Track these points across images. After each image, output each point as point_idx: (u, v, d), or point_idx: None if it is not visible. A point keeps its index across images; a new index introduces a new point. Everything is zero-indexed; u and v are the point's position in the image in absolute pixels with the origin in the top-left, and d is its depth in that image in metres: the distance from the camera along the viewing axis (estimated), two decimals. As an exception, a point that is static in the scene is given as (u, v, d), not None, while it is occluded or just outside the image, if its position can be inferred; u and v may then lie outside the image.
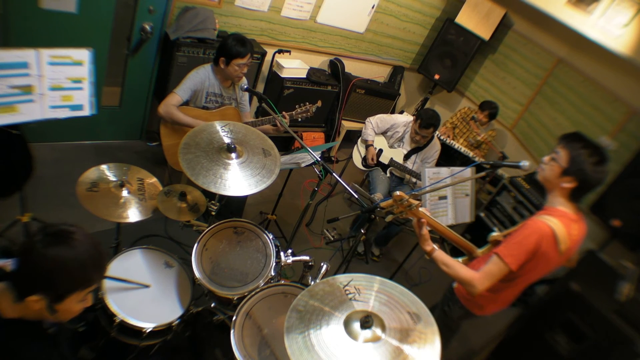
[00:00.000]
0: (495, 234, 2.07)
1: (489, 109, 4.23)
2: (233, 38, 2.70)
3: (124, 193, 2.07)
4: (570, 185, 1.78)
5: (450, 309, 2.21)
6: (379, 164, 3.68)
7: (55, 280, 1.16)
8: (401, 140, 3.65)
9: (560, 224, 1.78)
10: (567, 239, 1.79)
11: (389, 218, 1.92)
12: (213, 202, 2.26)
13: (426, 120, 3.37)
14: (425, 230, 1.93)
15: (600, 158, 1.74)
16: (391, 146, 3.68)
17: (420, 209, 1.87)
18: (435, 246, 1.95)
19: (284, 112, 2.84)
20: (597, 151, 1.76)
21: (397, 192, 1.80)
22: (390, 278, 1.78)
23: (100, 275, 1.27)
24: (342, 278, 1.49)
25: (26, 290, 1.15)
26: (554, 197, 1.86)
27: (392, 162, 3.63)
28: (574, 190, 1.80)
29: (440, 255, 1.93)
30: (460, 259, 2.08)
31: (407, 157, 3.63)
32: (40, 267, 1.14)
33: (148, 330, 1.83)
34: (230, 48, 2.67)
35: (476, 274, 1.83)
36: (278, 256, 2.06)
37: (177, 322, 1.91)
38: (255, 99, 4.11)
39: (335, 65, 4.52)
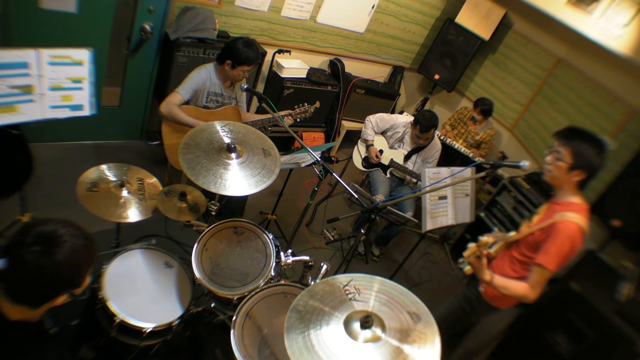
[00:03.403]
0: (513, 234, 2.11)
1: (482, 106, 4.23)
2: (243, 43, 2.68)
3: (124, 193, 2.07)
4: (580, 177, 1.92)
5: (473, 309, 2.30)
6: (379, 164, 3.68)
7: (73, 277, 1.17)
8: (401, 141, 3.65)
9: (582, 218, 1.91)
10: (587, 229, 1.94)
11: (468, 269, 1.95)
12: (213, 202, 2.26)
13: (425, 124, 3.36)
14: (485, 260, 1.96)
15: (600, 148, 1.90)
16: (391, 146, 3.68)
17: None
18: (491, 273, 1.98)
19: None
20: (596, 142, 1.90)
21: (484, 238, 1.85)
22: (390, 278, 1.78)
23: (94, 262, 1.25)
24: (342, 278, 1.49)
25: (24, 299, 1.15)
26: (563, 190, 1.99)
27: (392, 163, 3.63)
28: (583, 180, 1.94)
29: (500, 280, 1.97)
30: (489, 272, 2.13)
31: (407, 157, 3.63)
32: (54, 276, 1.13)
33: (148, 330, 1.83)
34: (240, 53, 2.66)
35: (528, 287, 1.94)
36: (278, 256, 2.06)
37: (177, 322, 1.91)
38: (255, 99, 4.11)
39: (335, 65, 4.52)
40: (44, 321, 1.27)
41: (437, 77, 4.88)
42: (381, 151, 3.68)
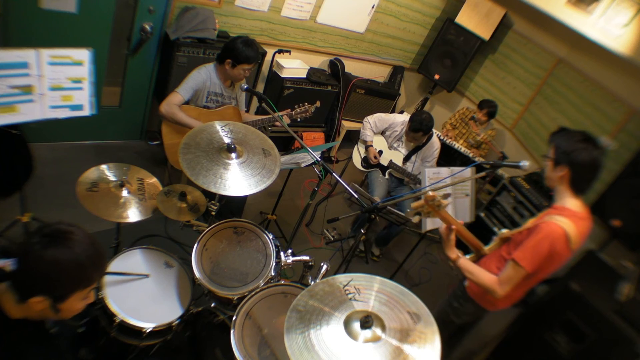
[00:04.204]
0: (504, 231, 2.11)
1: (488, 108, 4.23)
2: (242, 42, 2.68)
3: (124, 193, 2.07)
4: (563, 173, 1.85)
5: (461, 305, 2.26)
6: (379, 165, 3.68)
7: (55, 282, 1.14)
8: (400, 140, 3.65)
9: (571, 224, 1.83)
10: (577, 238, 1.85)
11: (416, 219, 1.93)
12: (213, 202, 2.26)
13: (414, 125, 3.35)
14: (453, 236, 1.96)
15: (580, 137, 1.82)
16: (390, 146, 3.68)
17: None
18: (459, 253, 1.99)
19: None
20: (576, 132, 1.84)
21: (430, 192, 1.83)
22: (390, 278, 1.78)
23: (101, 274, 1.25)
24: (342, 278, 1.49)
25: (27, 292, 1.14)
26: (559, 193, 1.93)
27: (391, 165, 3.63)
28: (572, 179, 1.86)
29: (465, 263, 1.98)
30: (467, 256, 2.13)
31: (407, 158, 3.62)
32: (39, 269, 1.12)
33: (148, 330, 1.83)
34: (240, 52, 2.66)
35: (497, 280, 1.90)
36: (278, 256, 2.06)
37: (177, 322, 1.91)
38: (255, 99, 4.11)
39: (335, 65, 4.52)
40: (45, 321, 1.27)
41: (437, 77, 4.88)
42: (380, 152, 3.68)
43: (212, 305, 2.06)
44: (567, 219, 1.84)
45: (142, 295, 1.95)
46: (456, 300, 2.29)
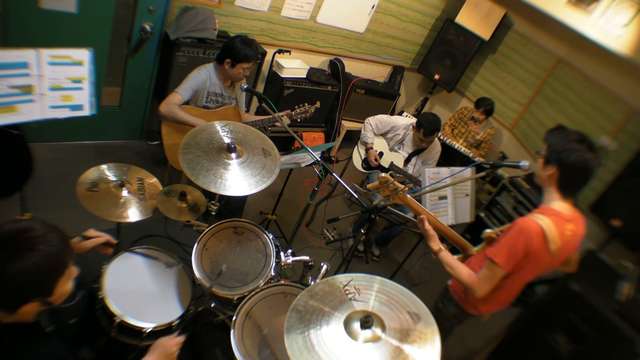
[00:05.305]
0: (488, 230, 2.07)
1: (484, 106, 4.24)
2: (241, 41, 2.69)
3: (124, 193, 2.07)
4: (551, 172, 1.78)
5: (444, 306, 2.23)
6: (379, 167, 3.67)
7: (39, 284, 1.13)
8: (401, 143, 3.63)
9: (551, 223, 1.76)
10: (557, 238, 1.77)
11: (376, 202, 1.93)
12: (213, 202, 2.26)
13: (429, 128, 3.33)
14: (428, 226, 1.96)
15: (575, 137, 1.75)
16: (391, 149, 3.67)
17: (407, 195, 1.89)
18: (442, 246, 1.97)
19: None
20: (573, 132, 1.78)
21: (383, 174, 1.83)
22: (390, 278, 1.77)
23: (71, 250, 1.21)
24: (342, 278, 1.49)
25: (15, 305, 1.13)
26: (547, 193, 1.86)
27: (392, 166, 3.62)
28: (560, 179, 1.78)
29: (446, 256, 1.96)
30: (455, 257, 2.10)
31: (407, 160, 3.62)
32: (20, 281, 1.09)
33: (148, 330, 1.83)
34: (238, 51, 2.67)
35: (476, 279, 1.86)
36: (278, 256, 2.06)
37: (177, 322, 1.91)
38: (255, 99, 4.11)
39: (335, 65, 4.52)
40: (40, 320, 1.27)
41: (437, 77, 4.88)
42: (381, 153, 3.67)
43: (212, 305, 2.06)
44: (548, 217, 1.77)
45: (142, 295, 1.94)
46: (440, 301, 2.26)
